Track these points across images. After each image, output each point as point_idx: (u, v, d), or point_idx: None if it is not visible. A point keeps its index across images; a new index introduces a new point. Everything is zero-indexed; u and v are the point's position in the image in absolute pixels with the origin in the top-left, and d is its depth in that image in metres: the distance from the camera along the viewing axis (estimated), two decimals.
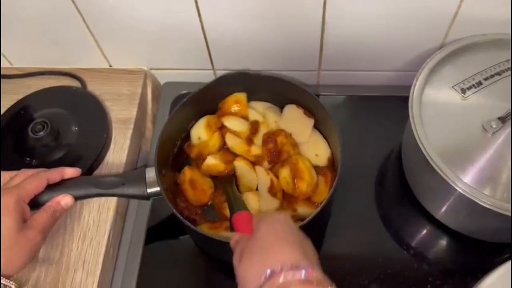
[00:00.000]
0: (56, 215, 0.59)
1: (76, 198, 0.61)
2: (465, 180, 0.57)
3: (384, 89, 0.83)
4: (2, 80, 0.84)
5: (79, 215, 0.69)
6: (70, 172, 0.63)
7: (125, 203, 0.75)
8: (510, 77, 0.63)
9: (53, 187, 0.61)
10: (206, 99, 0.75)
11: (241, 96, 0.76)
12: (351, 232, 0.71)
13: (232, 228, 0.58)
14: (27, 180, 0.58)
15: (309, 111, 0.74)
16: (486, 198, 0.56)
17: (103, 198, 0.70)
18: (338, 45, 0.76)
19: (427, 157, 0.59)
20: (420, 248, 0.69)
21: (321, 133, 0.74)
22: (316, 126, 0.74)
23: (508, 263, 0.53)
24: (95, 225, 0.68)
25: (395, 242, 0.70)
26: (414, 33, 0.72)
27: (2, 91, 0.82)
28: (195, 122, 0.76)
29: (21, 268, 0.55)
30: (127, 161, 0.75)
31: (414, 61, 0.76)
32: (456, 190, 0.57)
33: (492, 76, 0.64)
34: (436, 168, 0.58)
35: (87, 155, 0.73)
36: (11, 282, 0.54)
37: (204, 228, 0.67)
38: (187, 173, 0.71)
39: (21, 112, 0.78)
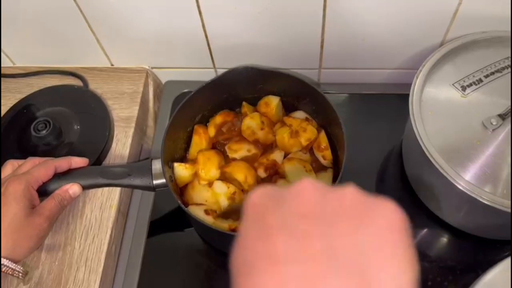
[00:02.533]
0: (63, 203, 0.60)
1: (84, 187, 0.62)
2: (466, 178, 0.57)
3: (384, 87, 0.84)
4: (6, 79, 0.84)
5: (82, 213, 0.69)
6: (78, 161, 0.64)
7: (127, 201, 0.75)
8: (510, 74, 0.64)
9: (61, 175, 0.62)
10: (212, 94, 0.75)
11: (273, 100, 0.76)
12: None
13: None
14: (36, 167, 0.59)
15: (314, 108, 0.75)
16: (486, 195, 0.56)
17: (105, 196, 0.71)
18: (338, 43, 0.76)
19: (428, 154, 0.59)
20: (421, 246, 0.69)
21: (325, 129, 0.74)
22: (320, 122, 0.75)
23: (508, 259, 0.53)
24: (97, 223, 0.69)
25: None
26: (414, 31, 0.72)
27: (5, 90, 0.83)
28: (201, 116, 0.76)
29: (28, 254, 0.56)
30: (129, 159, 0.76)
31: (414, 59, 0.77)
32: (457, 187, 0.57)
33: (492, 73, 0.64)
34: (436, 165, 0.58)
35: (89, 153, 0.73)
36: (18, 266, 0.55)
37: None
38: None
39: (24, 110, 0.79)
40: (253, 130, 0.73)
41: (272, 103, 0.76)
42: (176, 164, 0.69)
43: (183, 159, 0.74)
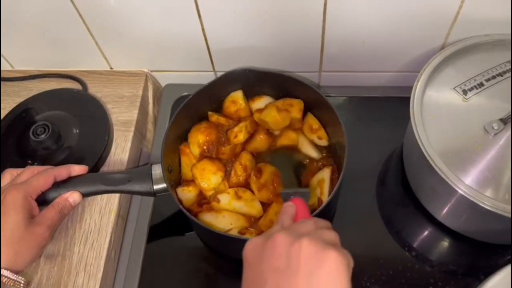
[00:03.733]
0: (64, 212, 0.60)
1: (84, 195, 0.62)
2: (467, 182, 0.57)
3: (385, 90, 0.83)
4: (4, 83, 0.84)
5: (81, 218, 0.69)
6: (78, 169, 0.64)
7: (126, 206, 0.75)
8: (511, 78, 0.63)
9: (61, 184, 0.62)
10: (212, 96, 0.75)
11: (237, 95, 0.76)
12: (353, 233, 0.71)
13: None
14: (34, 177, 0.59)
15: (314, 108, 0.75)
16: (487, 200, 0.56)
17: (104, 201, 0.70)
18: (339, 46, 0.76)
19: (428, 158, 0.59)
20: (422, 249, 0.69)
21: (324, 129, 0.74)
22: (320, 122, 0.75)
23: (509, 266, 0.52)
24: (96, 228, 0.68)
25: (397, 243, 0.70)
26: (415, 34, 0.72)
27: (4, 93, 0.83)
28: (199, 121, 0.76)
29: (29, 264, 0.56)
30: (129, 163, 0.75)
31: (415, 62, 0.76)
32: (457, 191, 0.57)
33: (493, 77, 0.64)
34: (437, 169, 0.58)
35: (88, 157, 0.73)
36: (19, 277, 0.54)
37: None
38: None
39: (23, 114, 0.78)
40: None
41: (239, 98, 0.76)
42: (179, 190, 0.69)
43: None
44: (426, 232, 0.71)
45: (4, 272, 0.52)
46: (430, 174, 0.59)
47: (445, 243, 0.70)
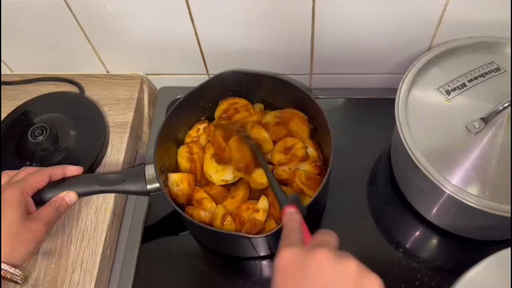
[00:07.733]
0: (60, 210, 0.61)
1: (79, 195, 0.64)
2: (451, 181, 0.58)
3: (374, 92, 0.85)
4: (3, 87, 0.86)
5: (77, 216, 0.71)
6: (73, 169, 0.65)
7: (122, 204, 0.76)
8: (494, 78, 0.65)
9: (57, 184, 0.63)
10: (203, 97, 0.77)
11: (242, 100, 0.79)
12: (343, 231, 0.70)
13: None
14: (30, 175, 0.61)
15: (303, 109, 0.76)
16: (472, 198, 0.57)
17: (100, 200, 0.72)
18: (328, 49, 0.77)
19: (414, 159, 0.60)
20: (410, 246, 0.70)
21: (314, 130, 0.76)
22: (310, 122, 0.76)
23: (489, 258, 0.54)
24: (92, 226, 0.70)
25: (386, 240, 0.71)
26: (402, 37, 0.74)
27: (3, 97, 0.85)
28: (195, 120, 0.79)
29: (26, 258, 0.57)
30: (124, 164, 0.77)
31: (403, 64, 0.77)
32: (443, 190, 0.58)
33: (476, 78, 0.65)
34: (422, 169, 0.59)
35: (85, 158, 0.74)
36: (17, 270, 0.56)
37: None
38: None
39: (21, 117, 0.80)
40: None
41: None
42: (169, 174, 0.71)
43: (176, 163, 0.75)
44: (413, 230, 0.72)
45: (2, 265, 0.54)
46: (416, 174, 0.61)
47: (432, 240, 0.71)
